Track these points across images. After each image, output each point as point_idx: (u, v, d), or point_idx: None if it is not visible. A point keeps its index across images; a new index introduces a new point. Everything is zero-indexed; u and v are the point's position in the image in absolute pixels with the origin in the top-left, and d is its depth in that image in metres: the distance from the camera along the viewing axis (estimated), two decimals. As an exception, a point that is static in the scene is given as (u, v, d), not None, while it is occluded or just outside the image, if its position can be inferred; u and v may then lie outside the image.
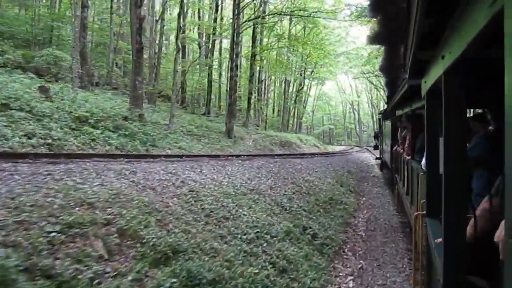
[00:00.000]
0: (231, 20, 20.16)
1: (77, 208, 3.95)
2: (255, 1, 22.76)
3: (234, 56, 19.69)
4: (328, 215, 8.60)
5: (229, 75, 20.75)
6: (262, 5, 24.73)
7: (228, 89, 20.51)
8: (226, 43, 29.76)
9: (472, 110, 5.03)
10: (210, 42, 24.19)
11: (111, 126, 11.63)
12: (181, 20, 16.61)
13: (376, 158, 20.47)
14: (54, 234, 3.33)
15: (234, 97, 19.57)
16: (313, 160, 15.37)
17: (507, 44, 0.85)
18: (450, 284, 1.86)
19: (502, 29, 0.88)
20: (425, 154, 3.35)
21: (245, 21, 20.76)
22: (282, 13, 23.07)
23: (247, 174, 8.22)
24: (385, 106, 14.40)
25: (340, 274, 5.88)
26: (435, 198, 2.58)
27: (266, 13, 23.76)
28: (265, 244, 5.40)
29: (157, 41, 19.88)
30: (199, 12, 29.49)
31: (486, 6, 1.04)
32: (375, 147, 21.10)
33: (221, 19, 26.28)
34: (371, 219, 9.53)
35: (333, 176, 12.75)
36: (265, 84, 35.32)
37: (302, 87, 37.80)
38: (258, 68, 28.68)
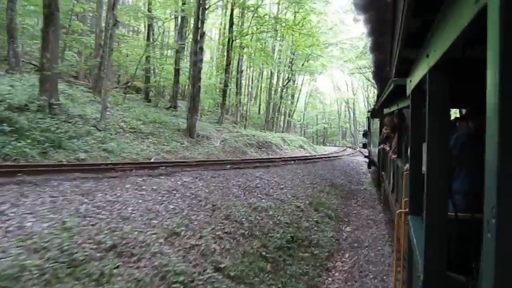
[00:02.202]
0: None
1: None
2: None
3: (199, 37, 16.08)
4: (279, 278, 5.04)
5: (192, 61, 17.06)
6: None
7: (191, 77, 16.87)
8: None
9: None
10: (164, 21, 20.36)
11: (-17, 119, 8.04)
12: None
13: (365, 157, 19.89)
14: None
15: (197, 87, 15.96)
16: (285, 169, 11.76)
17: (489, 39, 0.85)
18: (430, 280, 1.86)
19: (486, 28, 0.89)
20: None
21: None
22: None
23: (131, 207, 4.61)
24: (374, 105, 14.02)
25: None
26: (418, 196, 2.49)
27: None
28: None
29: (103, 17, 16.14)
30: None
31: (471, 4, 1.05)
32: (364, 146, 20.30)
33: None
34: (354, 275, 5.99)
35: (307, 195, 9.19)
36: (248, 77, 31.67)
37: (290, 80, 33.99)
38: (237, 56, 25.00)
